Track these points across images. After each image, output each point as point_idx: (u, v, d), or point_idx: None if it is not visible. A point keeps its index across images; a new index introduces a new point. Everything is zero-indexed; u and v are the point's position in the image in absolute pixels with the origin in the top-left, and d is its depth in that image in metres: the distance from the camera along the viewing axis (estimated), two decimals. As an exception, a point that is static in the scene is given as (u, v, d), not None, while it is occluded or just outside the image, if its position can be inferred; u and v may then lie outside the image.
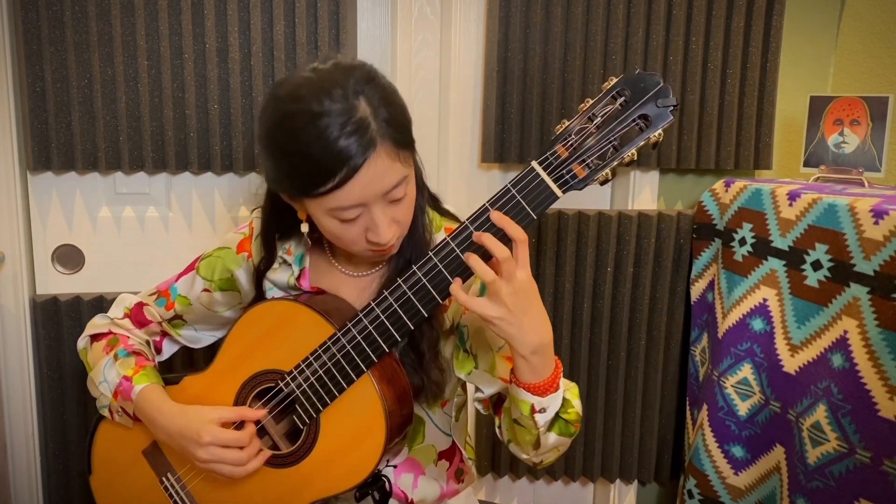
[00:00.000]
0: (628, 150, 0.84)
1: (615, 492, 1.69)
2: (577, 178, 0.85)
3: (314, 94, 0.84)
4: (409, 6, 1.51)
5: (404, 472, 1.09)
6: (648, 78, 0.83)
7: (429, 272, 0.89)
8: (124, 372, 1.04)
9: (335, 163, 0.83)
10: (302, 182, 0.86)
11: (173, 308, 1.10)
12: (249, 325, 1.01)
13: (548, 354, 0.89)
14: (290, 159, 0.86)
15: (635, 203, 1.60)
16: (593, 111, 0.85)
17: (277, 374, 0.99)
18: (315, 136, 0.82)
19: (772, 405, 1.29)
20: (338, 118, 0.82)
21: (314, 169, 0.84)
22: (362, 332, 0.93)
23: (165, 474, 1.07)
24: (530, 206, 0.86)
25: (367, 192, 0.86)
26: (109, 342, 1.09)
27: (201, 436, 0.96)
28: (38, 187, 1.44)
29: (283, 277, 1.05)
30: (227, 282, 1.08)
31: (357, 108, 0.83)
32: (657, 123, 0.83)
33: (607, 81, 0.85)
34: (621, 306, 1.56)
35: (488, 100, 1.47)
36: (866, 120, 1.38)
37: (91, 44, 1.33)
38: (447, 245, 0.88)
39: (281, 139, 0.86)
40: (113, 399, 1.05)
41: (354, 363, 0.94)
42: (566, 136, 0.85)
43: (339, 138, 0.82)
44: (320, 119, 0.82)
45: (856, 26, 1.59)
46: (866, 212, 1.10)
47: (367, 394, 0.95)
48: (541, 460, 0.98)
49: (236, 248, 1.08)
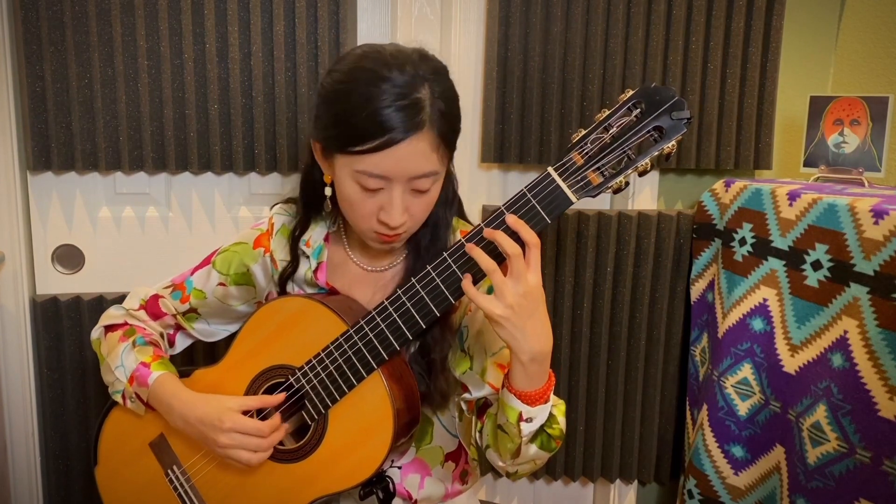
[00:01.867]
0: (642, 160, 0.87)
1: (615, 492, 1.69)
2: (592, 185, 0.88)
3: (389, 62, 0.88)
4: (409, 6, 1.51)
5: (411, 473, 1.09)
6: (664, 91, 0.86)
7: (442, 272, 0.91)
8: (142, 358, 1.06)
9: (379, 128, 0.86)
10: (345, 133, 0.89)
11: (188, 301, 1.11)
12: (263, 320, 1.02)
13: (545, 364, 0.89)
14: (344, 109, 0.89)
15: (635, 203, 1.60)
16: (609, 121, 0.88)
17: (288, 370, 1.00)
18: (372, 96, 0.86)
19: (772, 405, 1.29)
20: (398, 89, 0.87)
21: (360, 125, 0.87)
22: (375, 329, 0.94)
23: (171, 467, 1.08)
24: (545, 210, 0.88)
25: (398, 168, 0.89)
26: (126, 332, 1.10)
27: (223, 421, 0.97)
28: (38, 187, 1.44)
29: (300, 271, 1.06)
30: (243, 276, 1.09)
31: (419, 89, 0.88)
32: (671, 135, 0.86)
33: (623, 93, 0.88)
34: (621, 306, 1.56)
35: (488, 100, 1.47)
36: (866, 120, 1.38)
37: (91, 44, 1.33)
38: (461, 246, 0.90)
39: (344, 88, 0.90)
40: (128, 384, 1.06)
41: (366, 360, 0.95)
42: (582, 144, 0.88)
43: (391, 107, 0.86)
44: (383, 83, 0.86)
45: (856, 26, 1.59)
46: (866, 212, 1.10)
47: (376, 391, 0.95)
48: (516, 470, 0.98)
49: (253, 243, 1.09)
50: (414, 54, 0.92)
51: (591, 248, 1.52)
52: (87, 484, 1.49)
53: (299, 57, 1.38)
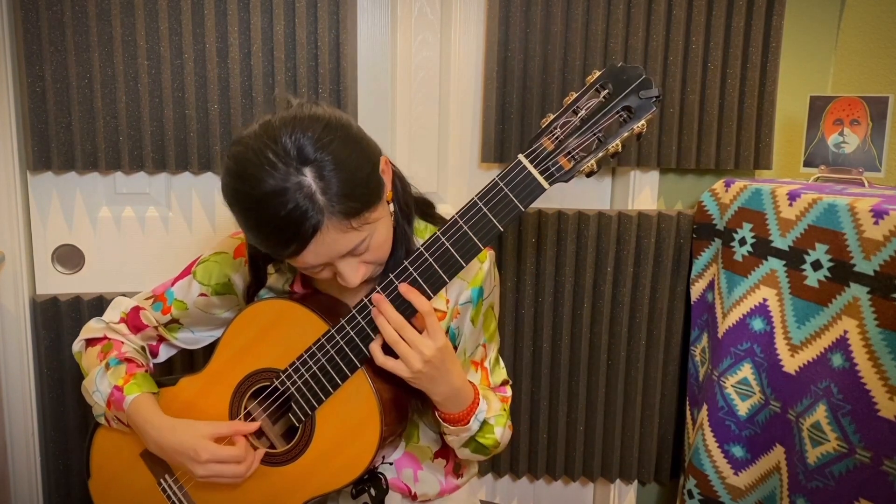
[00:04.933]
0: (612, 141, 0.86)
1: (615, 492, 1.69)
2: (563, 170, 0.87)
3: (256, 169, 0.81)
4: (409, 6, 1.51)
5: (405, 467, 1.10)
6: (630, 70, 0.85)
7: (419, 266, 0.92)
8: (115, 382, 1.04)
9: (282, 242, 0.83)
10: (261, 247, 0.87)
11: (170, 312, 1.10)
12: (244, 325, 1.01)
13: (459, 397, 0.98)
14: (247, 228, 0.86)
15: (635, 203, 1.60)
16: (577, 104, 0.86)
17: (273, 373, 0.99)
18: (259, 221, 0.83)
19: (772, 405, 1.29)
20: (278, 204, 0.80)
21: (266, 243, 0.85)
22: (356, 328, 0.94)
23: (163, 476, 1.07)
24: (518, 198, 0.88)
25: (323, 258, 0.87)
26: (104, 348, 1.09)
27: (199, 453, 0.96)
28: (38, 187, 1.44)
29: (277, 284, 1.06)
30: (225, 286, 1.08)
31: (300, 187, 0.80)
32: (640, 114, 0.85)
33: (591, 75, 0.87)
34: (621, 306, 1.56)
35: (488, 100, 1.47)
36: (866, 120, 1.38)
37: (91, 44, 1.33)
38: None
39: (236, 211, 0.86)
40: (107, 409, 1.05)
41: (349, 359, 0.94)
42: (551, 129, 0.87)
43: (282, 224, 0.81)
44: (262, 205, 0.81)
45: (856, 26, 1.59)
46: (866, 212, 1.10)
47: (361, 389, 0.95)
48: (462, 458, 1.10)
49: (233, 253, 1.08)
50: (283, 132, 0.82)
51: (591, 248, 1.52)
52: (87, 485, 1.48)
53: (299, 57, 1.38)
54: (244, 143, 0.84)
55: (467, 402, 0.99)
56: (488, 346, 1.10)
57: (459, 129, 1.58)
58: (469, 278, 1.03)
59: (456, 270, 0.90)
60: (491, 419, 1.02)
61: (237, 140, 0.87)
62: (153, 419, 1.01)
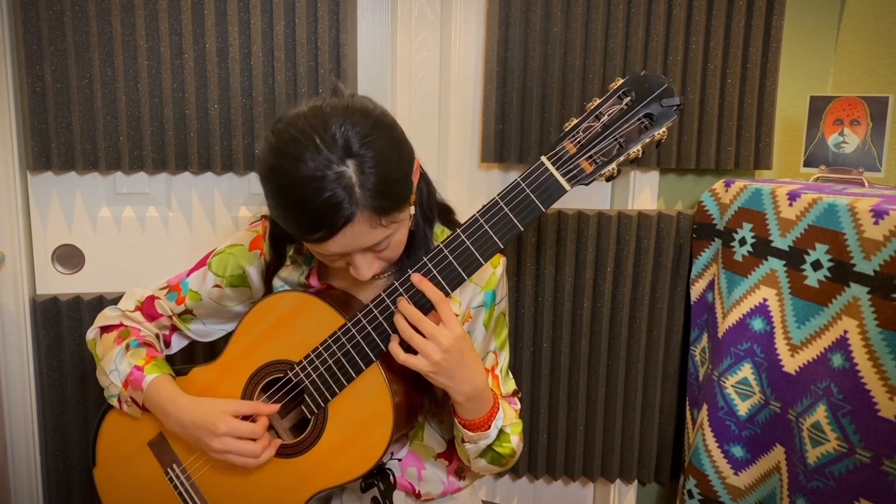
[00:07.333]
0: (633, 147, 0.88)
1: (615, 492, 1.69)
2: (585, 172, 0.89)
3: (301, 150, 0.82)
4: (409, 6, 1.51)
5: (409, 466, 1.11)
6: (653, 79, 0.87)
7: (438, 263, 0.93)
8: (136, 362, 1.05)
9: (312, 226, 0.84)
10: (287, 227, 0.88)
11: (184, 303, 1.11)
12: (260, 316, 1.02)
13: (481, 399, 0.97)
14: (274, 206, 0.87)
15: (635, 203, 1.60)
16: (600, 110, 0.89)
17: (287, 365, 1.00)
18: (296, 200, 0.83)
19: (772, 405, 1.29)
20: (316, 189, 0.81)
21: (294, 224, 0.86)
22: (372, 322, 0.95)
23: (171, 465, 1.08)
24: (539, 199, 0.90)
25: (345, 248, 0.88)
26: (121, 334, 1.10)
27: (217, 426, 0.97)
28: (38, 187, 1.44)
29: (293, 276, 1.07)
30: (239, 278, 1.09)
31: (341, 178, 0.81)
32: (661, 122, 0.87)
33: (614, 82, 0.89)
34: (621, 306, 1.56)
35: (488, 100, 1.47)
36: (866, 120, 1.38)
37: (91, 44, 1.33)
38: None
39: (271, 188, 0.86)
40: (123, 388, 1.06)
41: (364, 353, 0.95)
42: (574, 132, 0.89)
43: (316, 209, 0.82)
44: (301, 185, 0.82)
45: (856, 26, 1.59)
46: (866, 212, 1.10)
47: (375, 383, 0.96)
48: (477, 470, 1.09)
49: (249, 245, 1.09)
50: (331, 119, 0.83)
51: (591, 248, 1.52)
52: (87, 484, 1.48)
53: (299, 57, 1.38)
54: (291, 122, 0.86)
55: (487, 406, 0.99)
56: (499, 353, 1.10)
57: (459, 129, 1.58)
58: (482, 282, 1.04)
59: (475, 269, 0.92)
60: (507, 427, 1.03)
61: (283, 118, 0.88)
62: (175, 398, 1.02)
